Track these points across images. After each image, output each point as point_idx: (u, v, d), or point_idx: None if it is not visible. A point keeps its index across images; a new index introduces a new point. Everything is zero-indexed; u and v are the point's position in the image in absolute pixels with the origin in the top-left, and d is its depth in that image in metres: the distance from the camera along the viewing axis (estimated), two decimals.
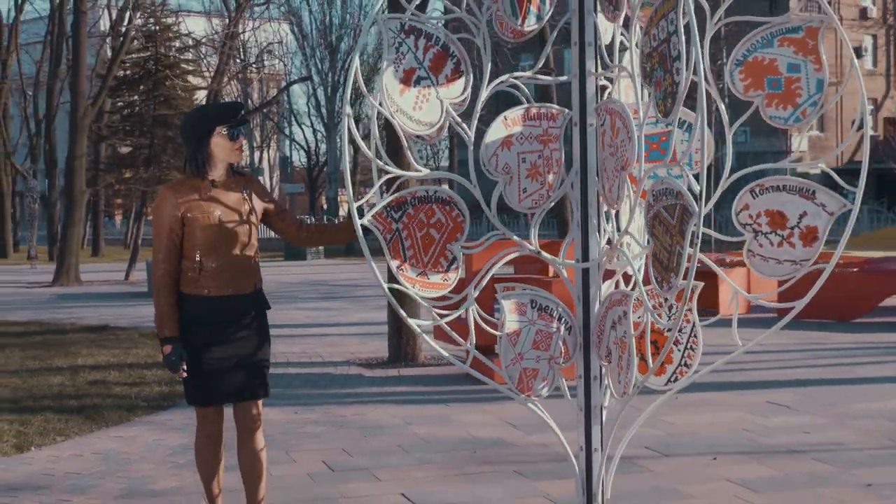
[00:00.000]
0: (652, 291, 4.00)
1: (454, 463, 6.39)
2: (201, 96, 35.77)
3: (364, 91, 3.94)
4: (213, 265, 4.45)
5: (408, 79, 3.93)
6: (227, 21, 36.02)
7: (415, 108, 3.94)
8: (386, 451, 6.72)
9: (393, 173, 4.05)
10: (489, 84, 4.11)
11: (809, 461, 6.23)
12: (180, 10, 35.49)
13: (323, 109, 44.56)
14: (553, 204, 4.21)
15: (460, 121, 4.05)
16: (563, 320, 4.18)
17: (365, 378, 9.73)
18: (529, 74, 4.27)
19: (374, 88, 4.62)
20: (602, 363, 4.18)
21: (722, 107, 4.23)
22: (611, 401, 4.29)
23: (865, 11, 54.92)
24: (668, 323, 4.06)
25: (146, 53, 26.90)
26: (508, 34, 4.21)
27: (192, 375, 4.50)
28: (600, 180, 4.09)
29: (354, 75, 3.84)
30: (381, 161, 4.05)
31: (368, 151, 4.00)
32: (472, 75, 4.11)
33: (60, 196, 31.98)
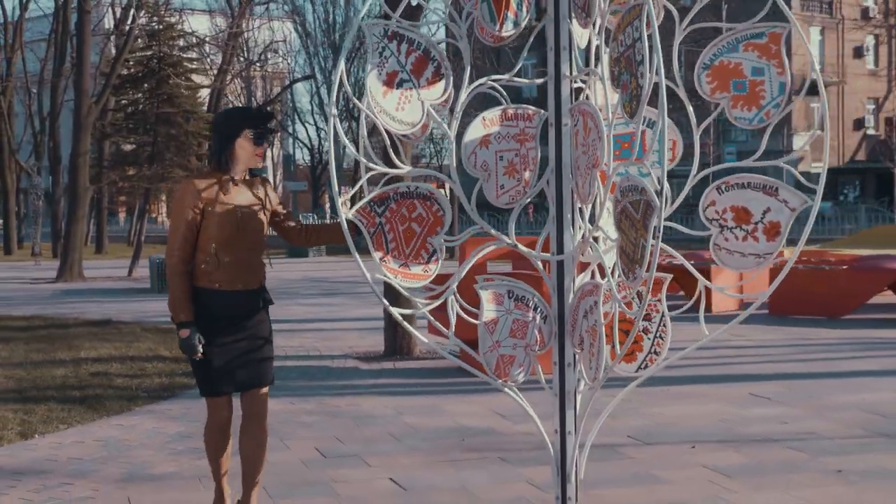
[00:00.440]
0: (623, 282, 4.23)
1: (442, 450, 6.62)
2: (204, 94, 36.06)
3: (349, 93, 4.15)
4: (227, 259, 4.67)
5: (391, 81, 4.17)
6: (231, 19, 36.30)
7: (397, 109, 4.18)
8: (377, 439, 6.96)
9: (376, 170, 4.29)
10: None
11: (783, 449, 6.46)
12: (184, 9, 35.73)
13: (326, 108, 44.87)
14: (529, 200, 4.44)
15: (441, 120, 4.29)
16: (539, 310, 4.41)
17: (361, 371, 9.96)
18: (507, 77, 4.50)
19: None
20: (575, 351, 4.42)
21: (690, 109, 4.45)
22: (585, 386, 4.52)
23: (867, 11, 55.10)
24: (633, 312, 4.28)
25: (149, 52, 27.15)
26: (489, 39, 4.45)
27: (203, 367, 4.73)
28: (574, 177, 4.33)
29: (340, 77, 4.08)
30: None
31: (354, 150, 4.24)
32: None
33: (64, 193, 32.21)
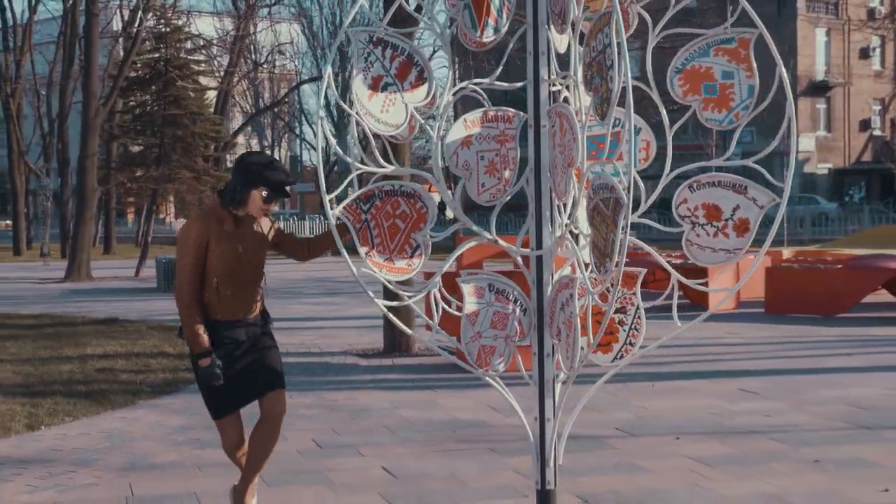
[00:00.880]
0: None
1: (434, 441, 6.84)
2: (212, 96, 36.37)
3: (337, 97, 4.37)
4: (228, 293, 4.92)
5: (376, 85, 4.38)
6: (238, 21, 36.58)
7: (382, 111, 4.40)
8: (372, 431, 7.19)
9: (362, 169, 4.51)
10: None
11: (765, 440, 6.66)
12: (191, 11, 36.05)
13: (333, 109, 45.10)
14: (508, 197, 4.65)
15: (423, 122, 4.50)
16: (519, 302, 4.62)
17: (360, 367, 10.18)
18: (488, 81, 4.72)
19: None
20: (554, 341, 4.62)
21: (663, 111, 4.66)
22: (564, 376, 4.72)
23: (874, 12, 55.18)
24: (605, 305, 4.49)
25: (157, 54, 27.45)
26: (472, 45, 4.67)
27: (211, 392, 4.98)
28: (552, 176, 4.54)
29: (327, 82, 4.31)
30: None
31: (340, 151, 4.47)
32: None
33: (73, 194, 32.52)
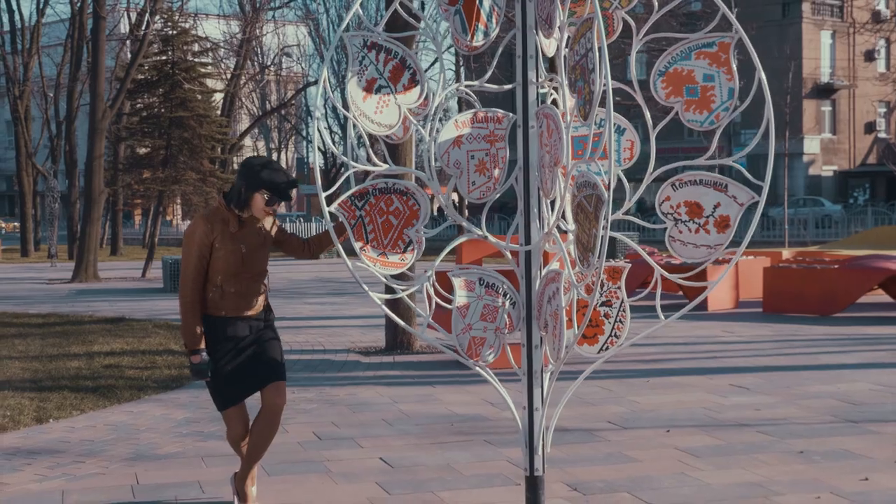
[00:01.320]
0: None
1: (431, 434, 7.03)
2: (218, 98, 36.61)
3: (333, 99, 4.56)
4: (232, 290, 5.12)
5: (370, 87, 4.59)
6: (245, 24, 36.81)
7: (376, 113, 4.60)
8: (371, 424, 7.38)
9: (357, 168, 4.71)
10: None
11: (753, 433, 6.85)
12: (198, 13, 36.27)
13: (339, 111, 45.30)
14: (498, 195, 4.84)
15: (416, 122, 4.70)
16: (508, 296, 4.81)
17: (361, 364, 10.36)
18: (478, 83, 4.91)
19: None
20: (541, 333, 4.81)
21: (647, 113, 4.84)
22: (551, 366, 4.91)
23: (878, 14, 55.25)
24: (589, 297, 4.68)
25: (164, 57, 27.69)
26: (464, 48, 4.86)
27: (215, 385, 5.21)
28: (539, 175, 4.73)
29: (323, 84, 4.51)
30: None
31: (335, 150, 4.67)
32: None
33: (80, 196, 32.78)
